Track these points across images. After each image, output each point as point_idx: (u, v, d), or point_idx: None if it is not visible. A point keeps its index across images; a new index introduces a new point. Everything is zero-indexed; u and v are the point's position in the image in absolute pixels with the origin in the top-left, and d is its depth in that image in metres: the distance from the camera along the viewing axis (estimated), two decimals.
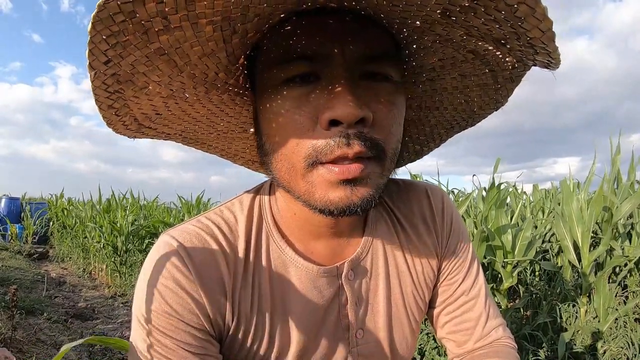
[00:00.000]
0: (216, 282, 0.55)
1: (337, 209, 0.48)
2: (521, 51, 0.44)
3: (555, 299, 2.50)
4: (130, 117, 0.52)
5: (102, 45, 0.39)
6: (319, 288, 0.59)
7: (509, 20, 0.38)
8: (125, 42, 0.40)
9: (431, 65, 0.56)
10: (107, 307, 4.59)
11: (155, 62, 0.44)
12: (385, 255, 0.64)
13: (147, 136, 0.60)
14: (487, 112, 0.64)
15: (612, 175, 2.41)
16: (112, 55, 0.41)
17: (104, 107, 0.48)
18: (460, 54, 0.51)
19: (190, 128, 0.61)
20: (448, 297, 0.69)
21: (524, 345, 2.20)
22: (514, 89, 0.58)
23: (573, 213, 2.38)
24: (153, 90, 0.49)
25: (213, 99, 0.56)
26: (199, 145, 0.68)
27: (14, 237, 8.80)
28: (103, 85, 0.44)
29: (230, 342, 0.57)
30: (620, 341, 2.06)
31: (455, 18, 0.42)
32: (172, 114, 0.55)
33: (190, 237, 0.56)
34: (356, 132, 0.45)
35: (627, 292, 2.37)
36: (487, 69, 0.53)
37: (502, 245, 2.40)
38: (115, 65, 0.42)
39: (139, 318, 0.53)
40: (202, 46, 0.44)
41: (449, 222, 0.70)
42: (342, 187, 0.47)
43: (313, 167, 0.47)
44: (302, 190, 0.49)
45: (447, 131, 0.69)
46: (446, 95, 0.61)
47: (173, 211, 6.44)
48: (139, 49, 0.41)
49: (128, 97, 0.48)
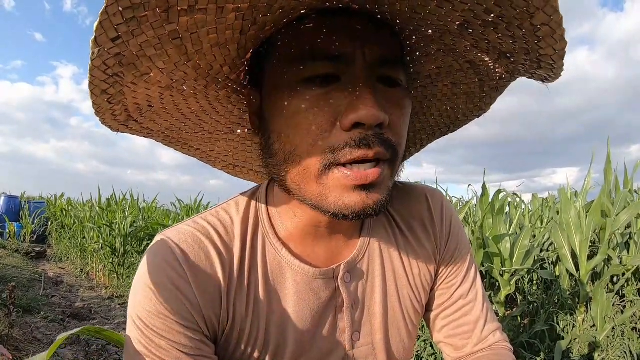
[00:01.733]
0: (211, 283, 0.55)
1: (352, 213, 0.48)
2: (523, 65, 0.44)
3: (552, 307, 2.49)
4: (122, 106, 0.50)
5: (115, 19, 0.36)
6: (315, 290, 0.59)
7: (527, 38, 0.38)
8: (143, 18, 0.37)
9: (428, 73, 0.56)
10: (104, 307, 4.57)
11: (166, 46, 0.42)
12: (382, 257, 0.64)
13: (130, 130, 0.58)
14: (469, 119, 0.65)
15: (607, 186, 2.43)
16: (123, 31, 0.38)
17: (97, 91, 0.45)
18: (458, 63, 0.51)
19: (176, 125, 0.60)
20: (445, 300, 0.69)
21: (522, 353, 2.20)
22: (497, 97, 0.59)
23: (571, 222, 2.39)
24: (154, 78, 0.47)
25: (209, 94, 0.55)
26: (179, 146, 0.67)
27: (12, 235, 8.78)
28: (103, 66, 0.42)
29: (225, 344, 0.57)
30: (617, 350, 2.06)
31: (472, 31, 0.42)
32: (164, 107, 0.54)
33: (185, 238, 0.56)
34: (375, 134, 0.46)
35: (624, 301, 2.37)
36: (477, 78, 0.54)
37: (500, 253, 2.40)
38: (123, 44, 0.39)
39: (133, 318, 0.53)
40: (218, 34, 0.43)
41: (447, 226, 0.69)
42: (357, 192, 0.47)
43: (328, 170, 0.47)
44: (314, 193, 0.49)
45: (428, 136, 0.70)
46: (435, 101, 0.62)
47: (172, 214, 6.43)
48: (154, 29, 0.39)
49: (126, 82, 0.46)
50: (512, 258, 2.41)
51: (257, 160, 0.73)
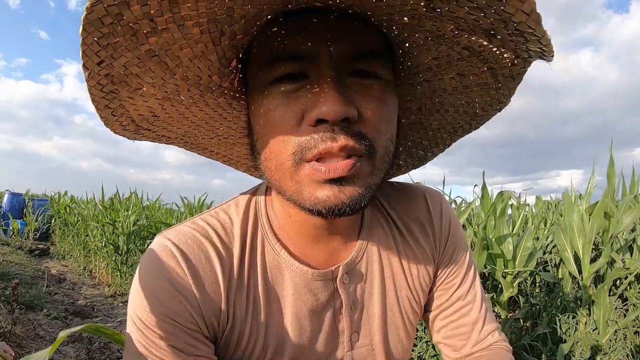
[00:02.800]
0: (211, 283, 0.55)
1: (325, 208, 0.48)
2: (513, 41, 0.44)
3: (555, 310, 2.48)
4: (127, 117, 0.52)
5: (94, 47, 0.40)
6: (313, 292, 0.59)
7: (492, 6, 0.38)
8: (116, 43, 0.40)
9: (427, 65, 0.55)
10: (107, 305, 4.59)
11: (147, 63, 0.44)
12: (381, 258, 0.64)
13: (147, 138, 0.59)
14: (489, 113, 0.63)
15: (610, 189, 2.41)
16: (104, 56, 0.41)
17: (101, 107, 0.48)
18: (455, 51, 0.51)
19: (191, 132, 0.61)
20: (444, 301, 0.69)
21: (523, 355, 2.19)
22: (515, 87, 0.57)
23: (574, 225, 2.38)
24: (147, 91, 0.49)
25: (209, 102, 0.56)
26: (201, 151, 0.68)
27: (15, 232, 8.82)
28: (98, 86, 0.45)
29: (225, 344, 0.57)
30: (620, 354, 2.05)
31: (440, 10, 0.41)
32: (170, 116, 0.55)
33: (185, 239, 0.56)
34: (342, 128, 0.46)
35: (627, 304, 2.35)
36: (485, 67, 0.53)
37: (503, 254, 2.39)
38: (108, 66, 0.43)
39: (133, 319, 0.53)
40: (191, 48, 0.44)
41: (446, 227, 0.69)
42: (329, 186, 0.47)
43: (300, 166, 0.48)
44: (291, 190, 0.50)
45: (450, 135, 0.69)
46: (446, 96, 0.60)
47: (175, 213, 6.44)
48: (130, 51, 0.42)
49: (123, 97, 0.48)
50: (514, 260, 2.40)
51: None
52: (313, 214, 0.50)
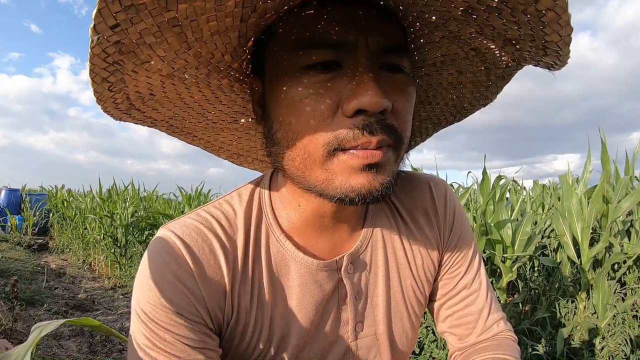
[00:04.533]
0: (215, 276, 0.55)
1: (358, 195, 0.48)
2: (529, 52, 0.44)
3: (554, 294, 2.50)
4: (124, 94, 0.50)
5: (114, 6, 0.36)
6: (318, 282, 0.59)
7: (532, 24, 0.38)
8: (141, 5, 0.37)
9: (432, 60, 0.55)
10: (107, 298, 4.60)
11: (166, 33, 0.42)
12: (385, 248, 0.64)
13: (133, 119, 0.57)
14: (475, 108, 0.65)
15: (606, 174, 2.42)
16: (122, 19, 0.37)
17: (98, 79, 0.45)
18: (464, 50, 0.51)
19: (180, 115, 0.59)
20: (449, 290, 0.69)
21: (523, 340, 2.21)
22: (504, 86, 0.58)
23: (573, 209, 2.39)
24: (154, 66, 0.47)
25: (212, 83, 0.55)
26: (183, 136, 0.67)
27: (13, 228, 8.80)
28: (103, 54, 0.42)
29: (230, 336, 0.57)
30: (618, 338, 2.07)
31: (476, 17, 0.41)
32: (166, 96, 0.54)
33: (189, 231, 0.56)
34: (378, 121, 0.46)
35: (625, 289, 2.37)
36: (483, 67, 0.54)
37: (502, 240, 2.40)
38: (122, 32, 0.39)
39: (137, 312, 0.53)
40: (218, 22, 0.42)
41: (451, 215, 0.69)
42: (364, 173, 0.47)
43: (333, 155, 0.47)
44: (319, 179, 0.49)
45: (434, 126, 0.70)
46: (440, 90, 0.61)
47: (173, 202, 6.44)
48: (153, 17, 0.38)
49: (127, 70, 0.46)
50: (513, 245, 2.41)
51: (261, 149, 0.73)
52: (342, 202, 0.49)
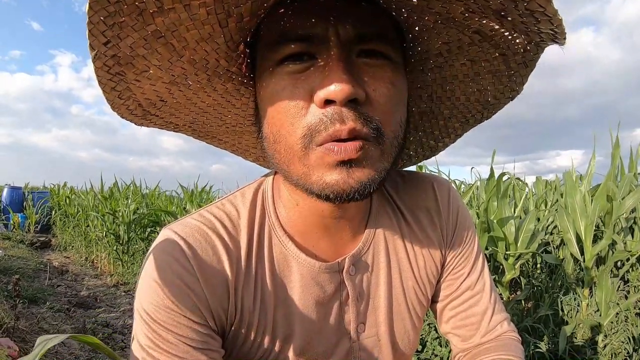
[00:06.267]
0: (218, 276, 0.55)
1: (333, 192, 0.47)
2: (524, 22, 0.43)
3: (556, 292, 2.50)
4: (134, 101, 0.52)
5: (100, 26, 0.39)
6: (320, 284, 0.59)
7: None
8: (122, 23, 0.40)
9: (437, 50, 0.54)
10: (110, 295, 4.62)
11: (154, 45, 0.44)
12: (387, 249, 0.64)
13: (155, 125, 0.59)
14: (502, 101, 0.62)
15: (613, 170, 2.40)
16: (110, 36, 0.41)
17: (107, 89, 0.48)
18: (466, 35, 0.50)
19: (199, 119, 0.60)
20: (453, 291, 0.68)
21: (525, 337, 2.20)
22: (528, 74, 0.56)
23: (576, 206, 2.37)
24: (154, 74, 0.48)
25: (217, 87, 0.55)
26: (209, 139, 0.68)
27: (16, 226, 8.83)
28: (104, 67, 0.45)
29: (233, 337, 0.57)
30: (621, 335, 2.06)
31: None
32: (177, 101, 0.55)
33: (192, 232, 0.55)
34: (349, 109, 0.45)
35: (628, 286, 2.36)
36: (497, 53, 0.52)
37: (505, 237, 2.39)
38: (115, 47, 0.42)
39: (140, 312, 0.53)
40: (198, 30, 0.44)
41: (454, 216, 0.69)
42: (338, 169, 0.46)
43: (309, 149, 0.46)
44: (299, 174, 0.49)
45: (462, 124, 0.67)
46: (457, 83, 0.59)
47: (175, 199, 6.45)
48: (136, 31, 0.41)
49: (130, 80, 0.48)
50: (516, 242, 2.40)
51: None
52: (321, 199, 0.49)
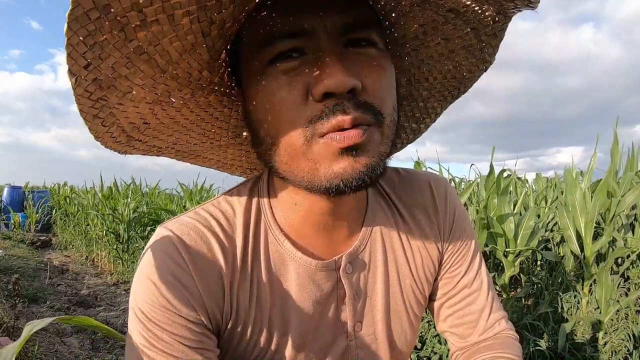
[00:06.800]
0: (214, 275, 0.54)
1: (343, 181, 0.46)
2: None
3: (556, 289, 2.50)
4: (118, 127, 0.51)
5: (80, 48, 0.38)
6: (317, 282, 0.59)
7: None
8: (104, 41, 0.38)
9: (414, 34, 0.55)
10: (110, 294, 4.62)
11: (136, 62, 0.43)
12: (384, 248, 0.63)
13: (138, 151, 0.58)
14: (476, 74, 0.63)
15: (613, 167, 2.40)
16: (91, 57, 0.39)
17: (89, 117, 0.47)
18: (440, 15, 0.51)
19: (182, 138, 0.60)
20: (450, 290, 0.68)
21: (525, 335, 2.20)
22: (498, 44, 0.58)
23: (577, 203, 2.37)
24: (137, 95, 0.48)
25: (200, 101, 0.55)
26: (192, 159, 0.68)
27: (17, 225, 8.84)
28: (86, 93, 0.43)
29: (229, 336, 0.57)
30: (621, 333, 2.06)
31: None
32: (161, 122, 0.54)
33: (187, 230, 0.55)
34: (349, 99, 0.45)
35: (629, 283, 2.36)
36: (469, 28, 0.53)
37: (504, 234, 2.39)
38: (96, 69, 0.41)
39: (135, 311, 0.53)
40: (181, 41, 0.43)
41: (451, 214, 0.69)
42: (344, 157, 0.46)
43: (312, 142, 0.46)
44: (305, 170, 0.48)
45: (440, 103, 0.69)
46: (433, 63, 0.61)
47: (175, 198, 6.45)
48: (118, 49, 0.40)
49: (113, 104, 0.47)
50: (516, 239, 2.39)
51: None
52: (330, 193, 0.48)
